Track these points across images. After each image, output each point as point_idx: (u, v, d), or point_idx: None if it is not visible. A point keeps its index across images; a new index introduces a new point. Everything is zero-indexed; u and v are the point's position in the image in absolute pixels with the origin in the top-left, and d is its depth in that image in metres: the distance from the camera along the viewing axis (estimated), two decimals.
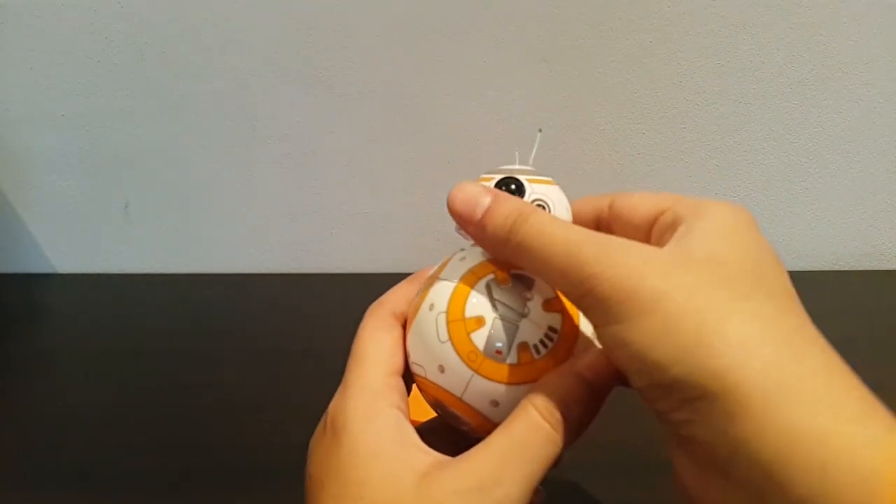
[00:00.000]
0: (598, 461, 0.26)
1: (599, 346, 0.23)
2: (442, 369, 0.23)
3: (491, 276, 0.23)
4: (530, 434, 0.20)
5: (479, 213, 0.22)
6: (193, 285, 0.62)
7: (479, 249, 0.25)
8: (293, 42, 0.55)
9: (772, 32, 0.56)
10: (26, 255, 0.63)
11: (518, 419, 0.21)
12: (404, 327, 0.25)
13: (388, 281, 0.28)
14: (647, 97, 0.58)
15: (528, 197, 0.24)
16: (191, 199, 0.61)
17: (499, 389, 0.22)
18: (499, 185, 0.24)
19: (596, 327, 0.20)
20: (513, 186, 0.24)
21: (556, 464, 0.21)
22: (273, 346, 0.52)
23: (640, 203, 0.24)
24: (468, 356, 0.22)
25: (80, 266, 0.64)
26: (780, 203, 0.63)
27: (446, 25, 0.55)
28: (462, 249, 0.26)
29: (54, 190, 0.60)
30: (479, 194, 0.23)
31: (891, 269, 0.65)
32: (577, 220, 0.26)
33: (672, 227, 0.22)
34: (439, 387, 0.23)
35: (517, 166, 0.25)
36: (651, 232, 0.23)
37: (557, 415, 0.21)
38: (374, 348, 0.24)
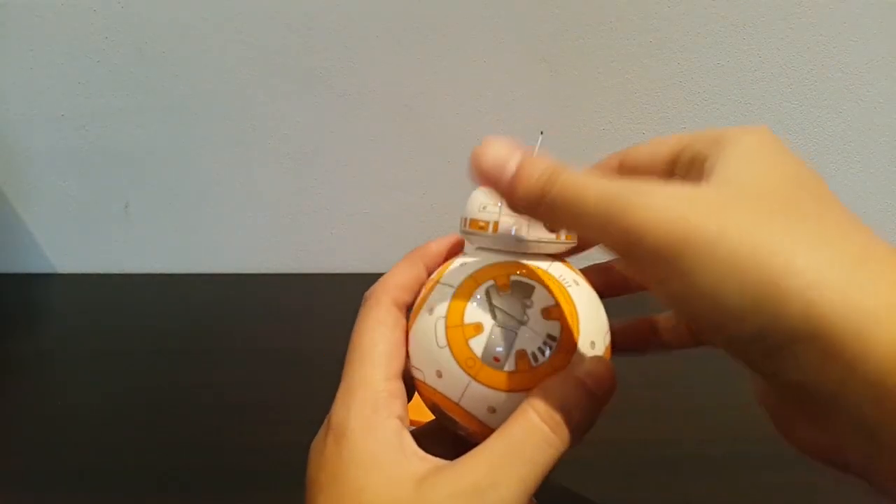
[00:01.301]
0: (598, 461, 0.26)
1: (598, 354, 0.23)
2: (440, 374, 0.23)
3: (491, 282, 0.23)
4: (528, 436, 0.20)
5: (508, 173, 0.20)
6: (193, 285, 0.62)
7: (477, 255, 0.25)
8: (293, 42, 0.55)
9: (772, 32, 0.56)
10: (26, 255, 0.63)
11: (516, 421, 0.20)
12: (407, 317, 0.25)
13: None
14: (647, 97, 0.58)
15: None
16: (191, 199, 0.61)
17: (496, 396, 0.22)
18: None
19: (652, 283, 0.18)
20: None
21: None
22: (273, 346, 0.52)
23: (654, 150, 0.23)
24: (466, 362, 0.22)
25: (80, 266, 0.63)
26: None
27: (446, 25, 0.55)
28: (462, 255, 0.26)
29: (54, 190, 0.60)
30: (508, 152, 0.21)
31: None
32: None
33: (695, 164, 0.20)
34: (437, 391, 0.23)
35: None
36: (672, 176, 0.22)
37: (557, 418, 0.20)
38: (376, 346, 0.23)
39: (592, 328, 0.23)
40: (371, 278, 0.26)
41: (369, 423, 0.22)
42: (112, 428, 0.43)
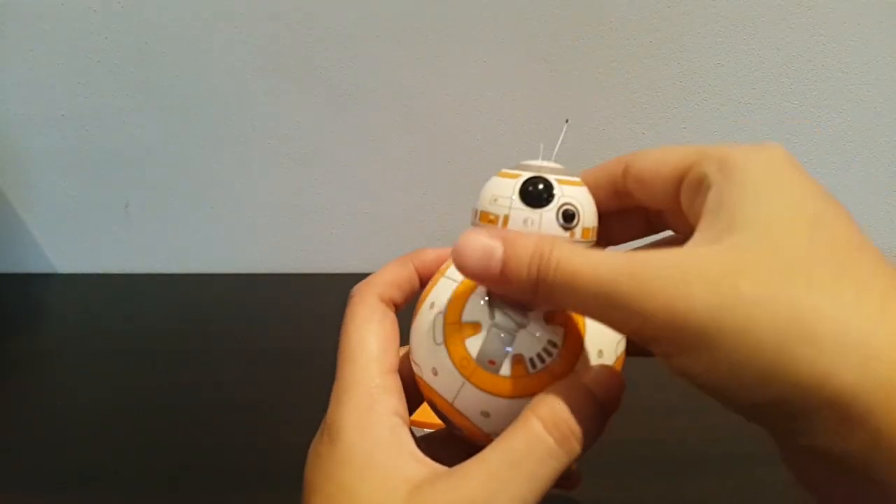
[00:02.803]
0: (598, 461, 0.26)
1: (605, 363, 0.22)
2: (435, 372, 0.22)
3: None
4: (530, 448, 0.19)
5: (495, 268, 0.19)
6: (193, 285, 0.62)
7: None
8: (293, 42, 0.55)
9: (772, 32, 0.56)
10: (26, 255, 0.63)
11: (519, 431, 0.19)
12: (396, 313, 0.24)
13: None
14: (647, 97, 0.58)
15: (556, 200, 0.22)
16: (191, 199, 0.61)
17: (490, 400, 0.21)
18: (525, 184, 0.22)
19: (663, 358, 0.18)
20: (540, 186, 0.22)
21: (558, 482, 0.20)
22: (273, 346, 0.52)
23: (659, 164, 0.21)
24: (461, 362, 0.21)
25: (80, 266, 0.63)
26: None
27: (446, 26, 0.55)
28: None
29: (54, 190, 0.60)
30: (489, 245, 0.19)
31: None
32: (597, 191, 0.24)
33: (701, 188, 0.19)
34: (433, 389, 0.22)
35: (541, 162, 0.24)
36: (679, 194, 0.21)
37: (562, 429, 0.19)
38: (366, 344, 0.23)
39: (600, 336, 0.22)
40: None
41: (364, 422, 0.21)
42: (112, 428, 0.43)
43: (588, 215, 0.22)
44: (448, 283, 0.23)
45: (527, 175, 0.22)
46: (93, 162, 0.59)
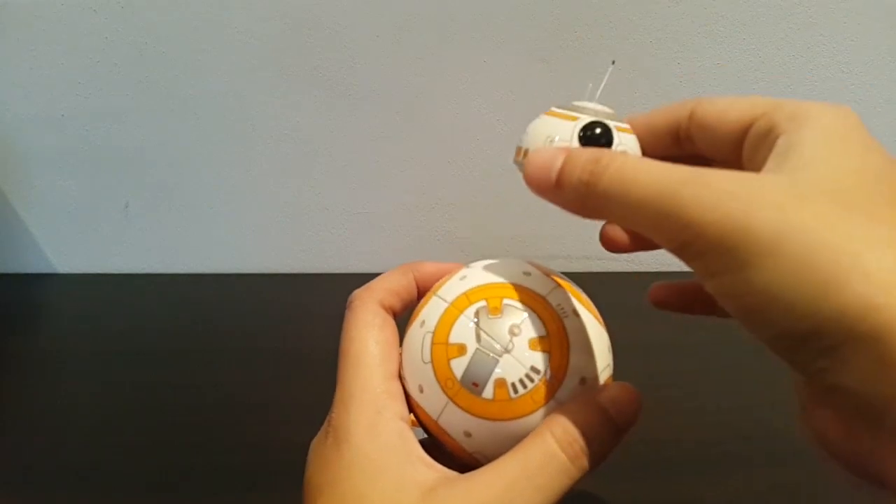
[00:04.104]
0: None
1: (582, 388, 0.22)
2: (421, 389, 0.22)
3: (483, 302, 0.22)
4: (545, 462, 0.19)
5: (553, 175, 0.19)
6: (193, 285, 0.62)
7: (482, 270, 0.24)
8: (293, 42, 0.55)
9: (772, 32, 0.56)
10: (26, 255, 0.63)
11: (534, 445, 0.20)
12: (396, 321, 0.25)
13: None
14: (647, 97, 0.58)
15: (615, 147, 0.22)
16: (191, 199, 0.61)
17: (472, 421, 0.21)
18: (586, 129, 0.21)
19: (705, 277, 0.17)
20: (599, 131, 0.21)
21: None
22: (273, 346, 0.52)
23: (727, 110, 0.21)
24: (445, 382, 0.22)
25: (80, 266, 0.63)
26: None
27: (446, 25, 0.55)
28: (468, 266, 0.25)
29: (54, 190, 0.60)
30: (553, 155, 0.19)
31: None
32: (653, 135, 0.23)
33: (768, 138, 0.19)
34: (419, 405, 0.23)
35: (595, 105, 0.23)
36: (743, 144, 0.21)
37: (576, 447, 0.20)
38: (368, 349, 0.23)
39: (585, 364, 0.22)
40: (370, 278, 0.26)
41: (372, 427, 0.21)
42: (112, 428, 0.43)
43: None
44: (439, 303, 0.23)
45: (586, 119, 0.22)
46: (93, 162, 0.59)
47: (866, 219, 0.16)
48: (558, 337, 0.22)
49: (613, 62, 0.24)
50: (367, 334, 0.23)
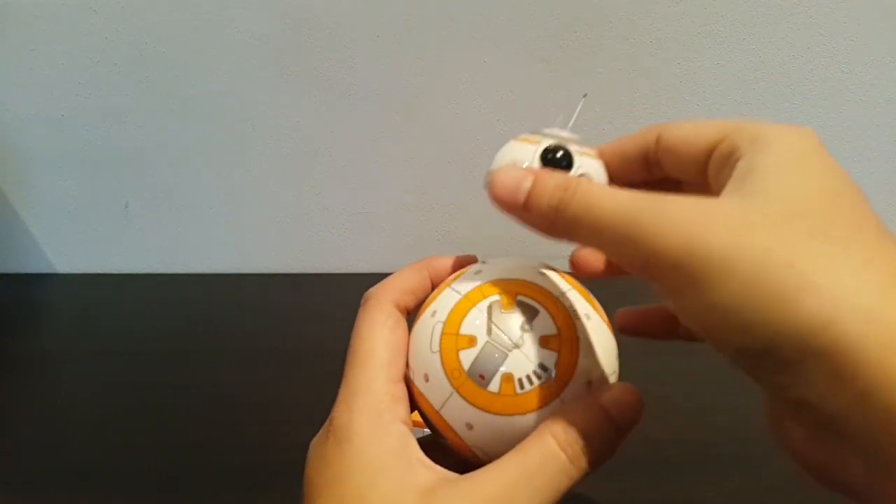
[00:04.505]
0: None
1: (589, 390, 0.22)
2: (427, 378, 0.22)
3: (496, 297, 0.22)
4: (545, 462, 0.19)
5: (521, 197, 0.20)
6: (193, 285, 0.62)
7: (498, 265, 0.24)
8: (293, 42, 0.55)
9: (772, 32, 0.56)
10: (26, 255, 0.63)
11: (534, 445, 0.20)
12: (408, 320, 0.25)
13: None
14: (647, 97, 0.58)
15: (575, 170, 0.22)
16: (191, 199, 0.61)
17: (475, 414, 0.21)
18: (546, 152, 0.22)
19: (666, 297, 0.18)
20: (559, 155, 0.22)
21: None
22: (273, 346, 0.52)
23: (692, 134, 0.22)
24: (452, 373, 0.22)
25: (80, 266, 0.63)
26: None
27: (446, 26, 0.55)
28: (483, 262, 0.25)
29: (54, 190, 0.60)
30: (520, 177, 0.20)
31: None
32: (625, 162, 0.24)
33: (729, 160, 0.20)
34: (422, 395, 0.23)
35: (559, 131, 0.24)
36: (707, 166, 0.21)
37: (576, 447, 0.20)
38: (377, 349, 0.23)
39: (592, 367, 0.22)
40: (370, 278, 0.26)
41: (374, 428, 0.21)
42: (112, 428, 0.43)
43: None
44: (452, 295, 0.23)
45: (547, 142, 0.22)
46: (93, 162, 0.59)
47: (820, 238, 0.16)
48: (569, 337, 0.22)
49: (585, 95, 0.25)
50: (377, 335, 0.23)
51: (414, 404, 0.24)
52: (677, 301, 0.18)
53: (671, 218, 0.17)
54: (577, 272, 0.26)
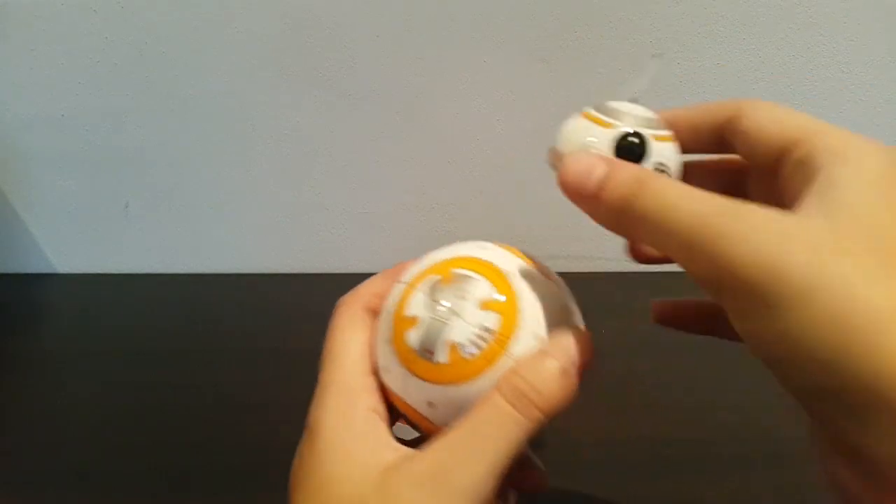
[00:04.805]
0: (598, 460, 0.26)
1: (539, 344, 0.22)
2: (388, 370, 0.23)
3: (437, 276, 0.23)
4: (491, 417, 0.19)
5: (593, 185, 0.19)
6: (193, 285, 0.62)
7: (437, 252, 0.25)
8: (293, 42, 0.55)
9: (772, 32, 0.56)
10: (26, 255, 0.63)
11: (482, 404, 0.20)
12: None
13: None
14: (647, 97, 0.58)
15: (649, 158, 0.21)
16: (191, 199, 0.61)
17: (432, 389, 0.22)
18: (622, 139, 0.21)
19: (735, 319, 0.17)
20: (636, 141, 0.21)
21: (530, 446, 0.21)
22: (273, 346, 0.52)
23: (770, 127, 0.21)
24: (404, 355, 0.22)
25: (80, 266, 0.63)
26: None
27: (446, 26, 0.55)
28: (428, 252, 0.26)
29: (54, 190, 0.60)
30: (593, 163, 0.20)
31: None
32: (696, 134, 0.23)
33: (806, 168, 0.18)
34: (387, 386, 0.23)
35: (634, 108, 0.23)
36: (781, 164, 0.20)
37: (523, 398, 0.20)
38: (348, 347, 0.24)
39: (538, 321, 0.22)
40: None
41: (342, 417, 0.22)
42: (112, 428, 0.43)
43: (675, 175, 0.22)
44: (398, 286, 0.24)
45: (623, 129, 0.22)
46: (93, 162, 0.59)
47: None
48: (509, 297, 0.22)
49: (654, 55, 0.24)
50: (347, 335, 0.24)
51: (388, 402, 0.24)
52: (746, 323, 0.16)
53: (752, 231, 0.16)
54: (635, 258, 0.26)
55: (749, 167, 0.23)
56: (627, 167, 0.19)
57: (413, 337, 0.22)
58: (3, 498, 0.37)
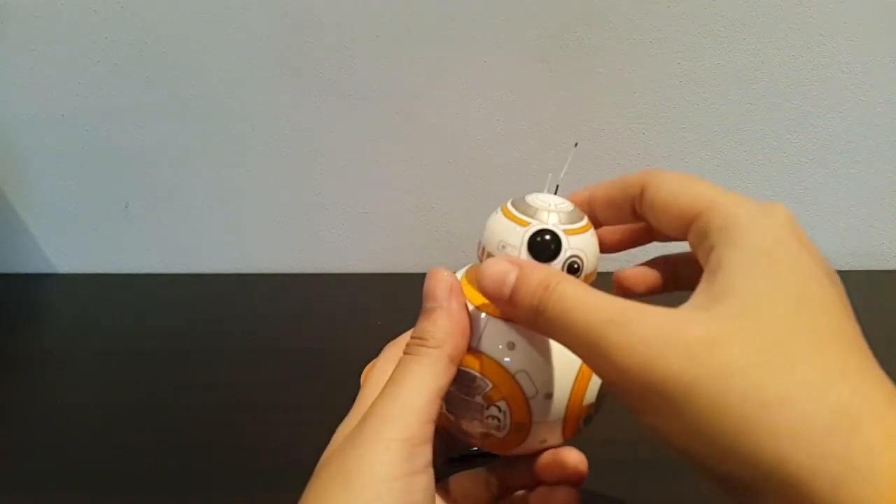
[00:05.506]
0: (598, 460, 0.26)
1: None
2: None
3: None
4: (406, 372, 0.21)
5: (507, 291, 0.21)
6: (193, 285, 0.62)
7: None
8: (293, 42, 0.55)
9: (772, 32, 0.56)
10: (26, 255, 0.63)
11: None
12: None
13: (387, 281, 0.28)
14: (647, 97, 0.58)
15: (563, 254, 0.22)
16: (191, 199, 0.61)
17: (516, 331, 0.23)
18: (534, 237, 0.23)
19: (637, 415, 0.19)
20: (548, 238, 0.22)
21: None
22: (273, 346, 0.52)
23: (672, 199, 0.22)
24: (485, 306, 0.23)
25: (80, 266, 0.63)
26: (780, 203, 0.63)
27: (446, 25, 0.55)
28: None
29: (54, 190, 0.60)
30: (506, 270, 0.21)
31: (891, 269, 0.65)
32: (614, 209, 0.25)
33: (704, 243, 0.20)
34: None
35: (548, 200, 0.24)
36: (688, 233, 0.22)
37: (412, 345, 0.22)
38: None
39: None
40: (370, 278, 0.26)
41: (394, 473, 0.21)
42: (112, 428, 0.43)
43: (591, 263, 0.23)
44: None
45: (535, 227, 0.23)
46: (93, 162, 0.59)
47: (778, 363, 0.16)
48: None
49: (576, 144, 0.25)
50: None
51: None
52: (644, 420, 0.18)
53: (635, 337, 0.17)
54: (620, 291, 0.27)
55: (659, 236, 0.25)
56: (535, 272, 0.20)
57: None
58: (3, 498, 0.37)
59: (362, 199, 0.61)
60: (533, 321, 0.20)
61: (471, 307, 0.23)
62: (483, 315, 0.23)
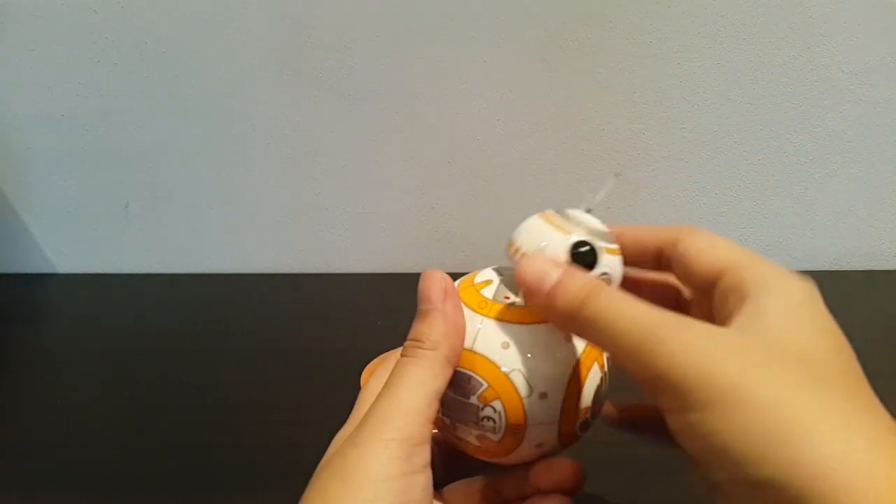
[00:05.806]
0: (598, 461, 0.26)
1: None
2: (507, 345, 0.24)
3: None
4: (401, 376, 0.22)
5: (547, 286, 0.22)
6: (193, 285, 0.62)
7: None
8: (293, 42, 0.55)
9: (772, 32, 0.56)
10: (26, 255, 0.63)
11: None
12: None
13: (387, 281, 0.28)
14: (647, 97, 0.58)
15: (598, 268, 0.24)
16: (191, 199, 0.61)
17: (510, 329, 0.24)
18: (576, 247, 0.24)
19: (668, 412, 0.19)
20: (588, 250, 0.24)
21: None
22: (273, 346, 0.52)
23: (705, 253, 0.23)
24: (478, 306, 0.24)
25: (80, 266, 0.63)
26: (780, 203, 0.63)
27: (446, 25, 0.55)
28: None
29: (54, 190, 0.60)
30: (549, 267, 0.22)
31: (891, 269, 0.65)
32: (640, 252, 0.26)
33: (736, 294, 0.21)
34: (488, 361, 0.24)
35: (589, 219, 0.25)
36: (713, 290, 0.23)
37: (409, 349, 0.22)
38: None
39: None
40: (370, 278, 0.26)
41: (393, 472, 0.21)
42: (112, 428, 0.43)
43: (615, 284, 0.25)
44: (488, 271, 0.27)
45: (577, 237, 0.24)
46: (93, 162, 0.59)
47: (822, 386, 0.18)
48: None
49: (617, 174, 0.26)
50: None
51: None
52: (679, 418, 0.18)
53: (689, 340, 0.18)
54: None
55: (682, 288, 0.26)
56: (578, 275, 0.22)
57: (487, 291, 0.25)
58: (3, 498, 0.37)
59: (362, 199, 0.61)
60: (569, 319, 0.21)
61: (465, 308, 0.24)
62: (478, 316, 0.24)
